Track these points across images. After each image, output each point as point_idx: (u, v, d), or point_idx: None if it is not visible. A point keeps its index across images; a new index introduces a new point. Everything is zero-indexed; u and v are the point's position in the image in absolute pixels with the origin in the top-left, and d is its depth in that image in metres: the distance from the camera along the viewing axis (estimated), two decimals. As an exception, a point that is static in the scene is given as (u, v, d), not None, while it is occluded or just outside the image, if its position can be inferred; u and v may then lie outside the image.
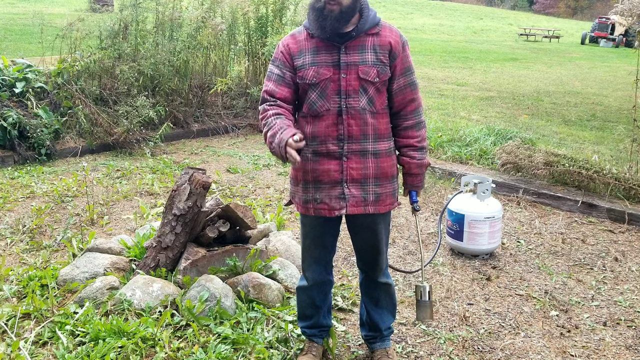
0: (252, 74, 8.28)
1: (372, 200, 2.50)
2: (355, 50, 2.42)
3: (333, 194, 2.48)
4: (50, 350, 2.74)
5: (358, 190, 2.48)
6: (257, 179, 5.67)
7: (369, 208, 2.50)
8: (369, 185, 2.49)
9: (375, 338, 2.78)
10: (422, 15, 37.23)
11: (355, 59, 2.41)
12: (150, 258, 3.31)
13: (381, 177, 2.51)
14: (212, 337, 2.83)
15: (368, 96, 2.43)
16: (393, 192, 2.57)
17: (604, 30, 28.51)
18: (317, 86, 2.43)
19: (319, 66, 2.42)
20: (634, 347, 2.98)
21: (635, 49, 5.60)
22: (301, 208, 2.58)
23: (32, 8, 16.57)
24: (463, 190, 4.07)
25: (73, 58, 6.79)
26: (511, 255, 4.08)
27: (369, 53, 2.42)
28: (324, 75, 2.41)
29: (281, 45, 2.51)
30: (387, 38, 2.45)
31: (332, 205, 2.49)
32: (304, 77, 2.44)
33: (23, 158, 5.92)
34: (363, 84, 2.42)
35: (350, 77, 2.41)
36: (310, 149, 2.49)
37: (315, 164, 2.50)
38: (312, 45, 2.45)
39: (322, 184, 2.50)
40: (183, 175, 3.34)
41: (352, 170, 2.47)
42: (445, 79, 13.14)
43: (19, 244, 3.97)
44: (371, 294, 2.73)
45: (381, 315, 2.74)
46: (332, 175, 2.48)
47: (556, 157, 5.48)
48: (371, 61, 2.42)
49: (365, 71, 2.41)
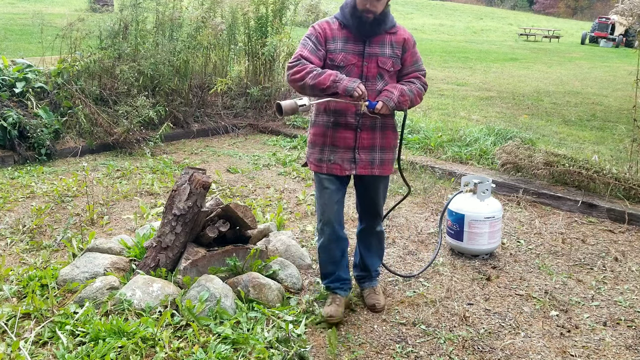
0: (252, 74, 8.28)
1: (377, 164, 3.07)
2: (377, 44, 2.98)
3: (346, 157, 3.03)
4: (50, 350, 2.74)
5: (367, 155, 3.05)
6: (257, 179, 5.67)
7: (375, 170, 3.08)
8: (375, 152, 3.06)
9: (365, 278, 3.36)
10: (422, 15, 37.22)
11: (377, 51, 2.98)
12: (150, 258, 3.31)
13: (386, 147, 3.09)
14: (212, 337, 2.83)
15: (384, 81, 3.01)
16: (393, 160, 3.16)
17: (604, 30, 28.51)
18: (343, 69, 2.95)
19: (347, 53, 2.96)
20: (634, 347, 2.98)
21: (635, 49, 5.60)
22: (315, 166, 3.10)
23: (32, 8, 16.57)
24: (463, 190, 4.07)
25: (73, 58, 6.78)
26: (511, 255, 4.08)
27: (387, 47, 3.00)
28: (350, 61, 2.96)
29: (318, 27, 3.00)
30: (401, 36, 3.04)
31: (344, 167, 3.04)
32: (334, 59, 2.96)
33: (23, 158, 5.92)
34: (380, 71, 2.99)
35: (371, 65, 2.97)
36: (332, 118, 3.02)
37: (334, 132, 3.03)
38: (343, 35, 2.98)
39: (337, 148, 3.04)
40: (183, 175, 3.34)
41: (364, 140, 3.03)
42: (445, 79, 13.14)
43: (19, 244, 3.97)
44: (366, 240, 3.32)
45: (372, 259, 3.33)
46: (347, 142, 3.02)
47: (556, 157, 5.48)
48: (388, 54, 3.00)
49: (383, 61, 2.99)
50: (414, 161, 6.10)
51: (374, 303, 3.25)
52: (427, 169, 5.95)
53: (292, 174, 5.85)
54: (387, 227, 4.49)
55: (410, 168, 6.00)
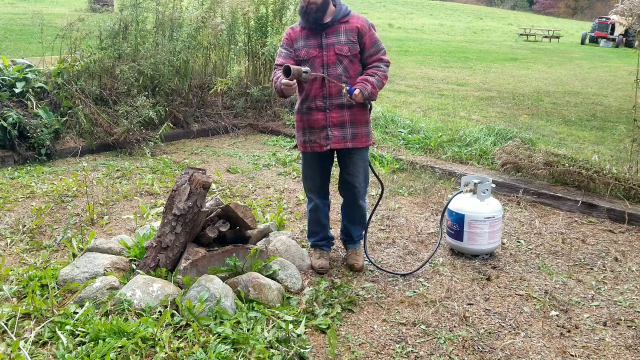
0: (252, 74, 8.28)
1: (349, 138, 3.52)
2: (333, 35, 3.45)
3: (321, 135, 3.52)
4: (50, 350, 2.74)
5: (338, 131, 3.51)
6: (257, 179, 5.67)
7: (347, 144, 3.53)
8: (346, 128, 3.52)
9: (348, 241, 3.89)
10: (422, 15, 37.22)
11: (333, 40, 3.45)
12: (150, 258, 3.31)
13: (356, 122, 3.53)
14: (212, 337, 2.83)
15: (343, 66, 3.45)
16: (367, 133, 3.58)
17: (604, 30, 28.52)
18: (307, 61, 3.46)
19: (308, 48, 3.47)
20: (634, 347, 2.98)
21: (635, 49, 5.60)
22: (301, 147, 3.63)
23: (32, 8, 16.58)
24: (463, 190, 4.07)
25: (73, 58, 6.78)
26: (511, 255, 4.08)
27: (342, 35, 3.45)
28: (312, 54, 3.46)
29: (285, 34, 3.60)
30: (354, 24, 3.46)
31: (321, 143, 3.53)
32: (299, 55, 3.48)
33: (23, 158, 5.92)
34: (339, 57, 3.44)
35: (330, 53, 3.44)
36: (305, 105, 3.53)
37: (308, 116, 3.54)
38: (304, 34, 3.50)
39: (313, 129, 3.54)
40: (183, 175, 3.34)
41: (333, 118, 3.50)
42: (445, 79, 13.14)
43: (19, 244, 3.97)
44: (349, 214, 3.82)
45: (354, 228, 3.84)
46: (320, 122, 3.52)
47: (556, 157, 5.48)
48: (344, 41, 3.44)
49: (340, 48, 3.43)
50: (414, 161, 6.11)
51: (353, 263, 3.74)
52: (427, 169, 5.95)
53: (292, 174, 5.85)
54: (387, 227, 4.49)
55: (410, 168, 6.00)
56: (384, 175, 5.80)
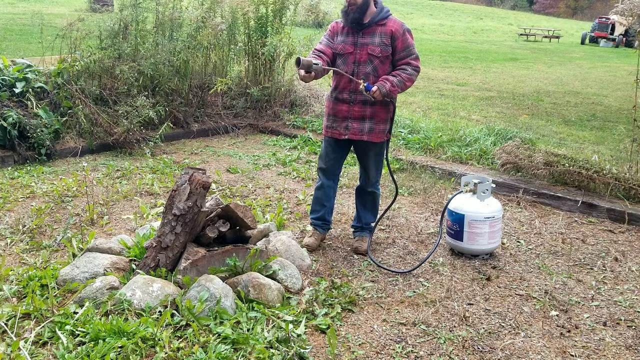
0: (252, 74, 8.28)
1: (366, 132, 3.80)
2: (368, 35, 3.72)
3: (342, 125, 3.85)
4: (50, 350, 2.74)
5: (358, 124, 3.80)
6: (257, 179, 5.67)
7: (364, 137, 3.82)
8: (365, 122, 3.79)
9: (358, 229, 4.13)
10: (422, 15, 37.22)
11: (367, 41, 3.72)
12: (150, 258, 3.31)
13: (375, 118, 3.78)
14: (212, 337, 2.83)
15: (373, 65, 3.71)
16: (384, 130, 3.83)
17: (604, 30, 28.51)
18: (342, 55, 3.78)
19: (345, 44, 3.78)
20: (634, 347, 2.98)
21: (635, 49, 5.60)
22: (325, 131, 3.98)
23: (32, 8, 16.58)
24: (463, 190, 4.07)
25: (73, 58, 6.78)
26: (511, 255, 4.08)
27: (377, 37, 3.71)
28: (347, 50, 3.76)
29: (330, 26, 3.92)
30: (389, 28, 3.70)
31: (340, 132, 3.86)
32: (336, 48, 3.81)
33: (23, 158, 5.92)
34: (370, 57, 3.71)
35: (363, 52, 3.72)
36: (334, 94, 3.86)
37: (335, 105, 3.87)
38: (344, 31, 3.82)
39: (337, 118, 3.87)
40: (183, 175, 3.34)
41: (355, 112, 3.80)
42: (445, 79, 13.14)
43: (19, 244, 3.97)
44: (362, 198, 4.10)
45: (365, 214, 4.10)
46: (342, 113, 3.84)
47: (556, 157, 5.48)
48: (377, 42, 3.70)
49: (372, 49, 3.70)
50: (414, 161, 6.11)
51: (357, 246, 4.02)
52: (427, 169, 5.95)
53: (292, 174, 5.85)
54: (387, 227, 4.49)
55: (410, 168, 6.00)
56: (384, 175, 5.79)
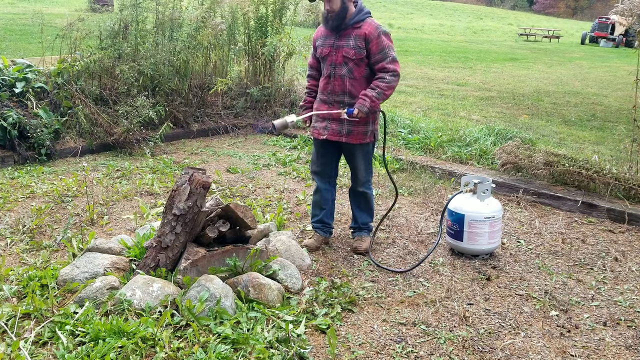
0: (252, 74, 8.28)
1: (345, 133, 3.82)
2: (344, 38, 3.76)
3: (322, 125, 3.90)
4: (50, 350, 2.74)
5: (336, 125, 3.84)
6: (257, 179, 5.67)
7: (342, 138, 3.84)
8: (344, 124, 3.81)
9: (356, 229, 4.14)
10: (422, 15, 37.22)
11: (342, 43, 3.76)
12: (150, 258, 3.31)
13: (354, 121, 3.77)
14: (212, 337, 2.83)
15: (348, 67, 3.75)
16: (365, 132, 3.84)
17: (604, 30, 28.51)
18: (323, 59, 3.86)
19: (324, 46, 3.84)
20: (634, 347, 2.98)
21: (635, 49, 5.59)
22: (311, 131, 4.03)
23: (32, 8, 16.57)
24: (463, 190, 4.07)
25: (73, 58, 6.78)
26: (511, 255, 4.08)
27: (351, 40, 3.73)
28: (325, 52, 3.83)
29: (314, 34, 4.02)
30: (364, 30, 3.70)
31: (319, 132, 3.91)
32: (317, 52, 3.93)
33: (23, 158, 5.92)
34: (345, 59, 3.74)
35: (338, 54, 3.76)
36: (318, 95, 3.93)
37: (318, 105, 3.92)
38: (324, 34, 3.88)
39: (318, 118, 3.92)
40: (183, 175, 3.34)
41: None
42: (445, 79, 13.14)
43: (19, 244, 3.97)
44: (355, 199, 4.10)
45: (361, 215, 4.11)
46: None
47: (556, 157, 5.48)
48: (352, 45, 3.72)
49: (347, 51, 3.73)
50: (414, 161, 6.11)
51: (356, 246, 4.03)
52: (427, 169, 5.95)
53: (292, 174, 5.85)
54: (387, 227, 4.49)
55: (410, 168, 6.00)
56: (383, 175, 5.80)
